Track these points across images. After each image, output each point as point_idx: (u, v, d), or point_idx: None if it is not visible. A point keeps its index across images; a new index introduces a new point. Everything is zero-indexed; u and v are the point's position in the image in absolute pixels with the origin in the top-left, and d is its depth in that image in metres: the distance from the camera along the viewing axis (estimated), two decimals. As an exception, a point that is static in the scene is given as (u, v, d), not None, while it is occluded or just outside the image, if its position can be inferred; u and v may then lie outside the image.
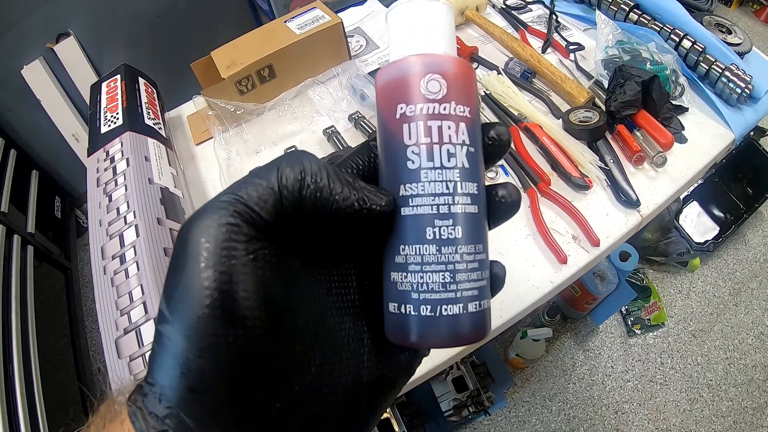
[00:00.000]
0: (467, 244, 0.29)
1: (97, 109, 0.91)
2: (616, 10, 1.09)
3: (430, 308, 0.28)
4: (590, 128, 0.89)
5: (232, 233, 0.23)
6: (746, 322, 1.91)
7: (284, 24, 1.03)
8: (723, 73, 0.95)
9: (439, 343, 0.29)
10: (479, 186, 0.30)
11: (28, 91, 1.97)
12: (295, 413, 0.25)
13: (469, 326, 0.29)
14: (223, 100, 0.95)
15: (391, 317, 0.30)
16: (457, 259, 0.28)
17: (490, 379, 1.65)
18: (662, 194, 0.85)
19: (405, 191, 0.29)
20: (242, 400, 0.23)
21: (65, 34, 1.94)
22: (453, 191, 0.29)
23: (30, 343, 1.56)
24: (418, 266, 0.28)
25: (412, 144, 0.29)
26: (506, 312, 0.73)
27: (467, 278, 0.29)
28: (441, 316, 0.28)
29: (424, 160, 0.28)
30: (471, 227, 0.29)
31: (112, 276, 0.66)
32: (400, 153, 0.29)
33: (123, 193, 0.73)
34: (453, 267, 0.28)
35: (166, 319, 0.23)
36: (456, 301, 0.28)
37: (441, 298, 0.28)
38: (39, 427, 1.40)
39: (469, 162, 0.29)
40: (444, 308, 0.28)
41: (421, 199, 0.28)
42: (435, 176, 0.28)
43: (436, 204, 0.28)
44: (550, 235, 0.78)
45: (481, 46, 1.12)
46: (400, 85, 0.30)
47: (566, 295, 1.81)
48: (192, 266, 0.23)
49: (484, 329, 0.30)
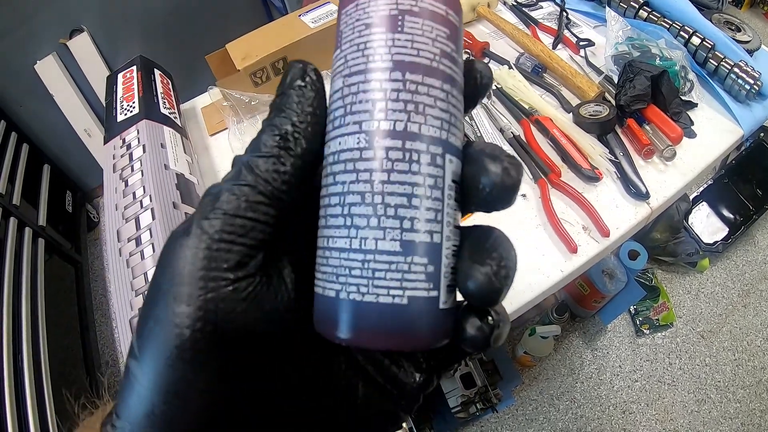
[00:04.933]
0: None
1: (114, 99, 0.92)
2: (626, 7, 1.09)
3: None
4: (600, 121, 0.89)
5: (213, 260, 0.21)
6: (755, 323, 1.90)
7: (298, 18, 1.04)
8: (732, 69, 0.95)
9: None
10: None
11: (41, 86, 1.99)
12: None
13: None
14: (238, 91, 0.96)
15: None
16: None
17: (498, 377, 1.65)
18: (671, 187, 0.85)
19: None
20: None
21: (78, 29, 1.95)
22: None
23: (40, 335, 1.57)
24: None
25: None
26: (516, 300, 0.73)
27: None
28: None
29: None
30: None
31: (128, 258, 0.67)
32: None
33: (139, 178, 0.74)
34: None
35: (134, 355, 0.21)
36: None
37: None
38: (47, 420, 1.41)
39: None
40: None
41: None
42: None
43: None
44: (560, 225, 0.79)
45: (492, 41, 1.13)
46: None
47: (575, 293, 1.81)
48: (165, 298, 0.20)
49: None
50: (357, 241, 0.21)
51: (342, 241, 0.22)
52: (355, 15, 0.24)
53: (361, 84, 0.23)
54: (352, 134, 0.22)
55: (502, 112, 0.98)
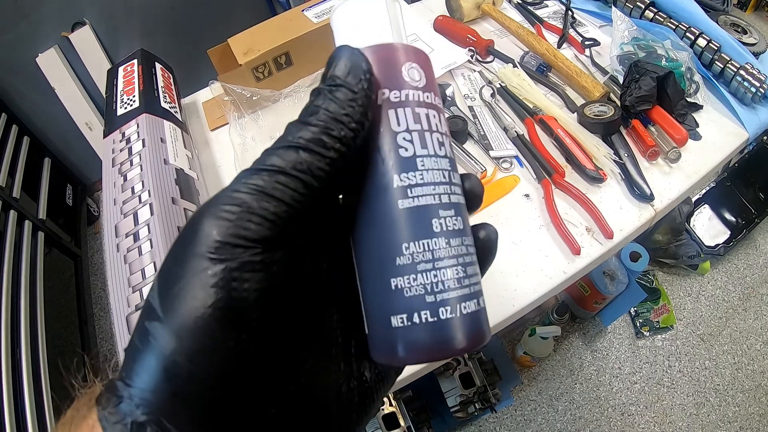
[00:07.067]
0: (467, 235, 0.27)
1: (114, 93, 0.91)
2: (632, 8, 1.09)
3: (450, 309, 0.25)
4: (605, 122, 0.88)
5: (244, 227, 0.21)
6: (755, 327, 1.90)
7: (302, 13, 1.03)
8: (738, 72, 0.94)
9: (463, 349, 0.25)
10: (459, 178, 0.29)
11: (43, 79, 1.99)
12: (287, 418, 0.24)
13: (485, 324, 0.27)
14: (240, 86, 0.95)
15: (392, 334, 0.25)
16: (464, 252, 0.26)
17: (497, 377, 1.64)
18: (676, 189, 0.85)
19: (401, 181, 0.25)
20: (233, 407, 0.21)
21: (80, 22, 1.95)
22: (449, 180, 0.27)
23: (38, 328, 1.57)
24: (429, 264, 0.25)
25: (402, 130, 0.26)
26: (519, 301, 0.73)
27: (474, 272, 0.27)
28: (462, 315, 0.25)
29: (418, 147, 0.26)
30: (466, 218, 0.27)
31: (125, 253, 0.66)
32: (387, 141, 0.26)
33: (138, 172, 0.73)
34: (463, 260, 0.26)
35: (156, 316, 0.21)
36: (471, 297, 0.26)
37: (459, 295, 0.25)
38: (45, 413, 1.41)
39: (452, 153, 0.28)
40: (463, 306, 0.25)
41: (423, 188, 0.25)
42: (432, 164, 0.26)
43: (437, 194, 0.26)
44: (564, 226, 0.78)
45: (496, 39, 1.12)
46: (382, 69, 0.27)
47: (575, 294, 1.81)
48: (198, 260, 0.21)
49: (488, 329, 0.27)
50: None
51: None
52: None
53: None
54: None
55: (506, 111, 0.97)
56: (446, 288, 0.25)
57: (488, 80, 1.02)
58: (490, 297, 0.72)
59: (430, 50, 1.08)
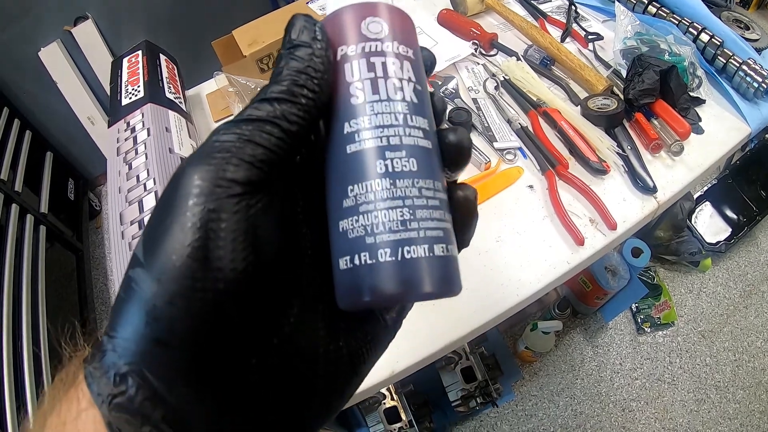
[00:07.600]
0: (424, 178, 0.26)
1: (118, 83, 0.91)
2: (635, 3, 1.09)
3: (390, 251, 0.24)
4: (608, 114, 0.89)
5: (224, 168, 0.22)
6: (756, 324, 1.90)
7: (306, 5, 1.03)
8: (740, 67, 0.95)
9: (403, 295, 0.24)
10: (430, 124, 0.28)
11: (45, 74, 1.99)
12: (270, 369, 0.23)
13: (438, 273, 0.25)
14: (244, 77, 0.95)
15: (342, 277, 0.25)
16: (415, 194, 0.25)
17: (499, 371, 1.65)
18: (678, 182, 0.85)
19: (349, 127, 0.26)
20: (214, 354, 0.21)
21: (83, 17, 1.95)
22: (403, 122, 0.26)
23: (40, 323, 1.57)
24: (370, 204, 0.25)
25: (355, 80, 0.27)
26: (523, 290, 0.73)
27: (429, 215, 0.25)
28: (403, 259, 0.24)
29: (368, 94, 0.26)
30: (426, 161, 0.26)
31: (130, 241, 0.66)
32: (342, 92, 0.27)
33: (143, 161, 0.74)
34: (411, 202, 0.25)
35: (138, 262, 0.21)
36: (419, 241, 0.24)
37: (401, 238, 0.24)
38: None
39: (417, 98, 0.27)
40: (406, 250, 0.24)
41: (368, 132, 0.26)
42: (382, 108, 0.26)
43: (385, 135, 0.26)
44: (567, 217, 0.78)
45: (500, 33, 1.12)
46: (340, 29, 0.28)
47: (577, 289, 1.81)
48: (179, 202, 0.21)
49: (453, 281, 0.26)
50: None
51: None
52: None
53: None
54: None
55: (510, 103, 0.97)
56: (386, 230, 0.24)
57: (492, 73, 1.02)
58: (494, 287, 0.73)
59: (434, 43, 1.09)
